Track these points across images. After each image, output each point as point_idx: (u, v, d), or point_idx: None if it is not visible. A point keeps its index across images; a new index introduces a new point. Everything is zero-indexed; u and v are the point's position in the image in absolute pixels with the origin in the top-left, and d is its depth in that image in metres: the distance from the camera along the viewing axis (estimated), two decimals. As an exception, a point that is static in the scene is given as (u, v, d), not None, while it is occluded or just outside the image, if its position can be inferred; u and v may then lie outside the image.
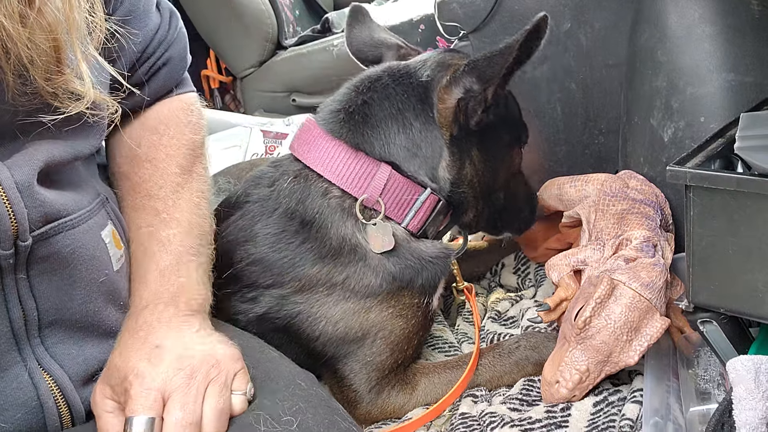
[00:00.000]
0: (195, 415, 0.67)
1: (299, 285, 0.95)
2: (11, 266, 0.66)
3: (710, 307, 0.82)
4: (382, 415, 1.00)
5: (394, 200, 0.95)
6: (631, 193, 1.04)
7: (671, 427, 0.79)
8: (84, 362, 0.74)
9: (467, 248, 1.34)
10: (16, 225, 0.65)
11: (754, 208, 0.72)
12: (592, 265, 0.97)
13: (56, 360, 0.72)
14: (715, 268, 0.78)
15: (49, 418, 0.71)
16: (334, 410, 0.75)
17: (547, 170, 1.41)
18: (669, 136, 1.06)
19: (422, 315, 1.00)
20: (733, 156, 0.81)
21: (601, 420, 0.85)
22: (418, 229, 0.98)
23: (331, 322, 0.96)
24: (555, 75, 1.34)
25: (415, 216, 0.97)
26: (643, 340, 0.86)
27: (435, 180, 0.98)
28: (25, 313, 0.69)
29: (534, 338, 1.03)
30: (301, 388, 0.75)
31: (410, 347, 1.00)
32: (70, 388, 0.72)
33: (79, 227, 0.73)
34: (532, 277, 1.26)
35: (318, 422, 0.70)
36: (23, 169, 0.66)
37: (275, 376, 0.76)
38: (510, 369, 1.01)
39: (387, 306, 0.97)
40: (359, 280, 0.95)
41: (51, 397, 0.70)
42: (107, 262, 0.76)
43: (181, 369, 0.68)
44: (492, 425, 0.87)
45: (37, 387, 0.70)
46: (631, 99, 1.17)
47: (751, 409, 0.72)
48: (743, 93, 1.01)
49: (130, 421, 0.66)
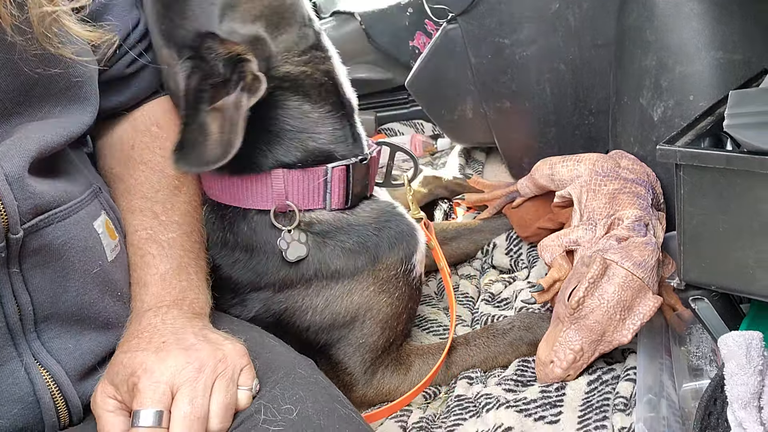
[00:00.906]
0: (203, 409, 0.66)
1: (276, 288, 0.96)
2: (3, 260, 0.66)
3: (701, 284, 0.83)
4: (378, 397, 1.01)
5: (303, 195, 0.94)
6: (622, 172, 1.04)
7: (664, 403, 0.80)
8: (81, 356, 0.73)
9: (458, 226, 1.35)
10: (6, 218, 0.64)
11: (743, 185, 0.72)
12: (585, 246, 0.98)
13: (53, 355, 0.71)
14: (706, 245, 0.79)
15: (46, 413, 0.70)
16: (334, 398, 0.75)
17: (538, 151, 1.41)
18: (658, 115, 1.07)
19: (405, 285, 1.00)
20: (722, 134, 0.81)
21: (595, 398, 0.86)
22: (345, 202, 0.96)
23: (317, 311, 0.96)
24: (544, 56, 1.34)
25: (333, 194, 0.95)
26: (636, 318, 0.87)
27: (332, 141, 0.95)
28: (20, 308, 0.68)
29: (527, 318, 1.03)
30: (301, 377, 0.75)
31: (400, 322, 1.01)
32: (66, 383, 0.72)
33: (70, 218, 0.72)
34: (524, 258, 1.26)
35: (318, 410, 0.70)
36: (14, 161, 0.66)
37: (276, 366, 0.76)
38: (504, 349, 1.01)
39: (367, 285, 0.97)
40: (327, 269, 0.95)
41: (47, 393, 0.70)
42: (101, 253, 0.76)
43: (190, 363, 0.68)
44: (487, 406, 0.88)
45: (34, 382, 0.70)
46: (621, 79, 1.17)
47: (742, 384, 0.73)
48: (732, 70, 1.01)
49: (138, 414, 0.65)
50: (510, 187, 1.32)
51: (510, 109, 1.44)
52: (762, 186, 0.71)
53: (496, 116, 1.49)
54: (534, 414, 0.85)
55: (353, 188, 0.96)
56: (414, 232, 1.02)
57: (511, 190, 1.30)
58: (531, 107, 1.40)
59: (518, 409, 0.85)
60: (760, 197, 0.72)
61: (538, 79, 1.36)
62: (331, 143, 0.95)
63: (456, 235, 1.34)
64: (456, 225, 1.37)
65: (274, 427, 0.67)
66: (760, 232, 0.73)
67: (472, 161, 1.75)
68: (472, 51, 1.43)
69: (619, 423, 0.80)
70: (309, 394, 0.72)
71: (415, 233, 1.03)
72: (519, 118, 1.44)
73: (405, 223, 1.02)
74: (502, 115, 1.47)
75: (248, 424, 0.68)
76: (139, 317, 0.76)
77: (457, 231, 1.35)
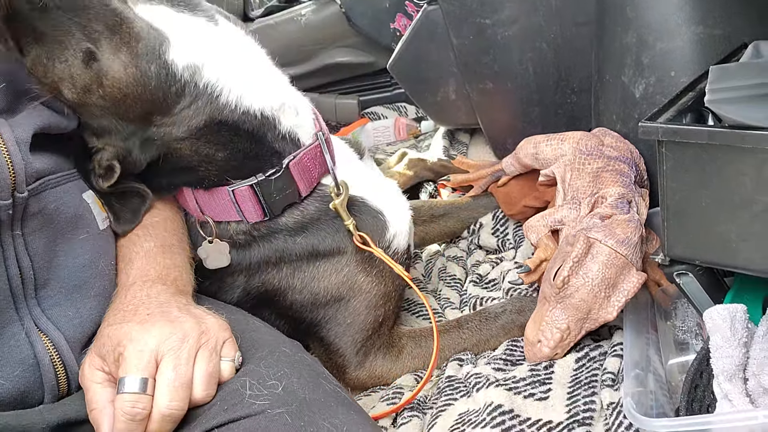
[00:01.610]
0: (186, 376, 0.68)
1: (247, 274, 0.98)
2: (9, 220, 0.70)
3: (686, 259, 0.83)
4: (371, 379, 1.01)
5: (215, 210, 0.94)
6: (606, 150, 1.05)
7: (651, 378, 0.81)
8: (80, 324, 0.76)
9: (447, 204, 1.35)
10: (14, 176, 0.70)
11: (725, 159, 0.73)
12: (569, 225, 0.98)
13: (53, 321, 0.74)
14: (690, 221, 0.79)
15: (46, 376, 0.73)
16: (319, 374, 0.76)
17: (521, 131, 1.41)
18: (640, 92, 1.07)
19: (383, 264, 0.99)
20: (703, 109, 0.82)
21: (583, 375, 0.87)
22: (262, 215, 0.94)
23: (296, 291, 0.97)
24: (526, 35, 1.34)
25: (245, 211, 0.93)
26: (621, 295, 0.88)
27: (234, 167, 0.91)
28: (21, 272, 0.72)
29: (519, 302, 1.04)
30: (285, 354, 0.76)
31: (388, 300, 1.01)
32: (66, 349, 0.74)
33: (61, 186, 0.78)
34: (511, 239, 1.26)
35: (303, 385, 0.71)
36: (23, 128, 0.73)
37: (260, 344, 0.78)
38: (496, 333, 1.02)
39: (341, 266, 0.98)
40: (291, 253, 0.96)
41: (47, 356, 0.73)
42: (90, 221, 0.81)
43: (174, 333, 0.70)
44: (477, 386, 0.88)
45: (34, 346, 0.72)
46: (602, 57, 1.17)
47: (727, 357, 0.74)
48: (712, 46, 1.01)
49: (123, 381, 0.67)
50: (495, 166, 1.32)
51: (493, 89, 1.44)
52: (743, 160, 0.71)
53: (479, 97, 1.49)
54: (523, 391, 0.85)
55: (269, 201, 0.93)
56: (379, 215, 1.00)
57: (496, 169, 1.30)
58: (514, 87, 1.40)
59: (507, 388, 0.86)
60: (741, 171, 0.72)
61: (520, 58, 1.36)
62: (230, 171, 0.91)
63: (445, 213, 1.34)
64: (445, 203, 1.37)
65: (260, 401, 0.68)
66: (741, 205, 0.74)
67: (456, 143, 1.75)
68: (454, 32, 1.42)
69: (607, 398, 0.81)
70: (294, 371, 0.73)
71: (381, 216, 1.01)
72: (502, 98, 1.44)
73: (364, 210, 1.00)
74: (486, 96, 1.47)
75: (234, 399, 0.69)
76: (125, 290, 0.78)
77: (445, 209, 1.35)
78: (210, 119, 0.86)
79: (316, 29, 2.12)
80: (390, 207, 1.03)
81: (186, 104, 0.84)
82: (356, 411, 0.72)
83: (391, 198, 1.06)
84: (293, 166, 0.92)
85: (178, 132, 0.86)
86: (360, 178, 1.01)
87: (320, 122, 1.00)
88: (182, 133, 0.86)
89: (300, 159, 0.93)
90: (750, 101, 0.71)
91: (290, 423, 0.65)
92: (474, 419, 0.83)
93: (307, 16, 2.16)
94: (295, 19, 2.21)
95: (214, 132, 0.87)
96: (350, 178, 0.98)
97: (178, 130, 0.86)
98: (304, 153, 0.93)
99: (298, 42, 2.19)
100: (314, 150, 0.95)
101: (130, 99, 0.81)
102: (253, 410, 0.67)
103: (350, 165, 1.04)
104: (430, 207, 1.33)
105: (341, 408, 0.70)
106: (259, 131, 0.90)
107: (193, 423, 0.69)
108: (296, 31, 2.22)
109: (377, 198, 1.02)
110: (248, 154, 0.90)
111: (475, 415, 0.84)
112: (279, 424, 0.65)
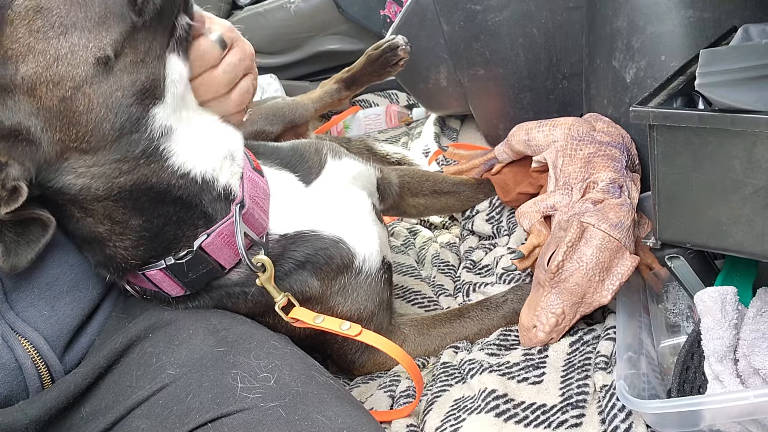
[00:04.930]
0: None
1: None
2: None
3: (677, 242, 0.84)
4: (375, 366, 1.02)
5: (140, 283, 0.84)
6: (597, 135, 1.05)
7: (644, 360, 0.82)
8: (57, 322, 0.75)
9: (454, 182, 1.33)
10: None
11: (715, 143, 0.73)
12: (562, 210, 0.99)
13: (29, 323, 0.73)
14: (681, 204, 0.80)
15: (29, 378, 0.72)
16: (311, 366, 0.76)
17: (513, 117, 1.41)
18: (631, 77, 1.07)
19: (355, 287, 0.93)
20: (694, 93, 0.82)
21: (577, 359, 0.88)
22: (185, 290, 0.83)
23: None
24: (516, 21, 1.33)
25: (164, 288, 0.82)
26: (615, 279, 0.88)
27: (143, 254, 0.80)
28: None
29: (521, 291, 1.03)
30: (275, 347, 0.76)
31: (374, 315, 0.97)
32: (46, 348, 0.73)
33: None
34: (504, 225, 1.27)
35: (295, 377, 0.71)
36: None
37: (249, 336, 0.77)
38: (498, 323, 1.01)
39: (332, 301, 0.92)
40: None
41: (29, 359, 0.72)
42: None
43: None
44: (471, 371, 0.89)
45: (13, 350, 0.71)
46: (593, 41, 1.17)
47: (718, 338, 0.74)
48: (702, 29, 1.01)
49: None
50: (487, 154, 1.32)
51: (484, 75, 1.44)
52: (733, 143, 0.72)
53: (470, 84, 1.49)
54: (517, 376, 0.86)
55: (185, 280, 0.82)
56: (340, 244, 0.91)
57: (489, 157, 1.30)
58: (505, 73, 1.40)
59: (501, 373, 0.86)
60: (731, 154, 0.73)
61: (511, 44, 1.36)
62: (141, 246, 0.79)
63: (449, 191, 1.32)
64: (451, 181, 1.33)
65: (253, 395, 0.67)
66: (732, 189, 0.74)
67: (447, 129, 1.75)
68: (444, 18, 1.42)
69: (600, 381, 0.81)
70: (285, 363, 0.72)
71: (342, 244, 0.91)
72: (493, 84, 1.44)
73: (319, 244, 0.90)
74: (477, 83, 1.47)
75: (227, 393, 0.68)
76: None
77: (450, 187, 1.32)
78: (142, 181, 0.75)
79: (306, 17, 2.11)
80: (351, 230, 0.93)
81: (127, 157, 0.73)
82: (350, 402, 0.72)
83: (353, 218, 0.96)
84: (207, 246, 0.80)
85: (96, 185, 0.73)
86: (307, 211, 0.91)
87: (244, 183, 0.84)
88: (101, 191, 0.73)
89: (213, 240, 0.80)
90: (740, 84, 0.71)
91: (284, 417, 0.65)
92: (469, 405, 0.84)
93: (296, 3, 2.15)
94: (284, 6, 2.20)
95: (136, 197, 0.76)
96: (294, 213, 0.90)
97: (97, 183, 0.73)
98: (219, 230, 0.80)
99: (287, 30, 2.18)
100: (230, 226, 0.81)
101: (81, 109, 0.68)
102: (246, 404, 0.66)
103: (293, 199, 0.92)
104: (435, 182, 1.30)
105: (335, 400, 0.69)
106: (194, 197, 0.79)
107: (186, 418, 0.67)
108: (286, 18, 2.21)
109: (333, 225, 0.92)
110: (169, 220, 0.79)
111: (471, 401, 0.84)
112: (273, 418, 0.65)
